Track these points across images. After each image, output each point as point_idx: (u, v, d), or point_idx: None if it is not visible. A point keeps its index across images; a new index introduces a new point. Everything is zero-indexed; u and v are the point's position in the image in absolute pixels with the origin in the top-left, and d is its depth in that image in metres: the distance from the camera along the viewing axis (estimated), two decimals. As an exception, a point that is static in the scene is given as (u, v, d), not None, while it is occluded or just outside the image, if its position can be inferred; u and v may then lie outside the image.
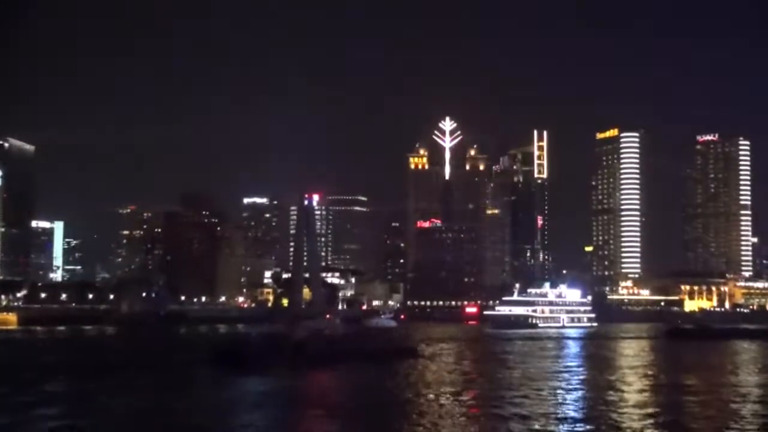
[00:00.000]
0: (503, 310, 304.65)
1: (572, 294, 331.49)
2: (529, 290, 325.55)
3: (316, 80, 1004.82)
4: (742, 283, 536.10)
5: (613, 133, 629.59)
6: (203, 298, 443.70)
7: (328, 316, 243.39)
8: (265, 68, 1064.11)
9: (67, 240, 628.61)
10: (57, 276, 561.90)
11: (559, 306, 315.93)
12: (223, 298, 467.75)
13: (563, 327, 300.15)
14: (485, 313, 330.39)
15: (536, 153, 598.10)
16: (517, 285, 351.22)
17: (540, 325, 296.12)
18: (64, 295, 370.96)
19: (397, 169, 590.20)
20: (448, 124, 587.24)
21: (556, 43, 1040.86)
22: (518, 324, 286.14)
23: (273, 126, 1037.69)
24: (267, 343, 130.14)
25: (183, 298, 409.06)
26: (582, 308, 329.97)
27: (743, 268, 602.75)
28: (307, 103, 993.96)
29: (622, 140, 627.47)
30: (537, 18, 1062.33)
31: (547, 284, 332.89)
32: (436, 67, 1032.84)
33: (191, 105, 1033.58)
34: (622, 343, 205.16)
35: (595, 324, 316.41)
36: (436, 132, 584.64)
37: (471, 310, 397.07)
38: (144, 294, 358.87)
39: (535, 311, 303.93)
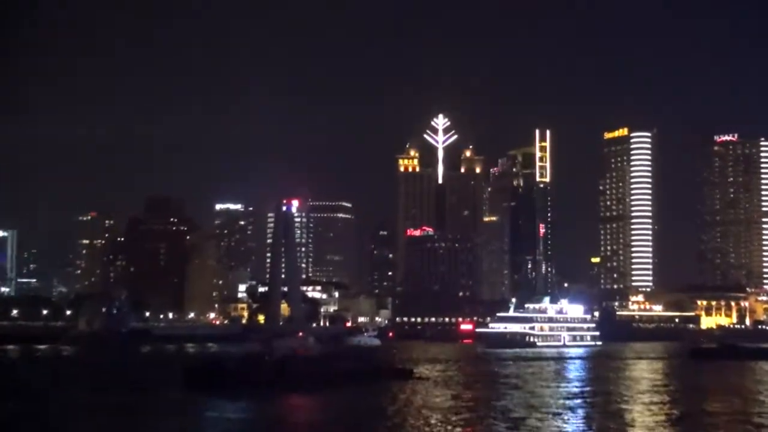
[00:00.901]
0: (498, 327, 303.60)
1: (574, 309, 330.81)
2: (526, 305, 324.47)
3: (297, 79, 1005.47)
4: (765, 298, 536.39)
5: (622, 132, 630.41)
6: (170, 315, 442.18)
7: (300, 333, 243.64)
8: (243, 66, 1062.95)
9: (20, 250, 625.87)
10: (9, 289, 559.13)
11: (560, 323, 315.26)
12: (192, 315, 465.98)
13: (564, 346, 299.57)
14: (478, 330, 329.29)
15: (538, 154, 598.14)
16: (513, 299, 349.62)
17: (539, 344, 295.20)
18: (15, 311, 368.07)
19: (386, 172, 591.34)
20: (441, 122, 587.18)
21: (560, 35, 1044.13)
22: (514, 343, 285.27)
23: (249, 126, 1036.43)
24: (245, 362, 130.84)
25: (147, 314, 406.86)
26: (585, 325, 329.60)
27: (765, 281, 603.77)
28: (288, 102, 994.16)
29: (632, 140, 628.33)
30: (540, 8, 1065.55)
31: (546, 299, 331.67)
32: (427, 60, 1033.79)
33: (158, 102, 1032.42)
34: (638, 365, 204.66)
35: (599, 343, 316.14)
36: (427, 131, 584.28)
37: (466, 327, 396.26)
38: (104, 309, 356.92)
39: (533, 329, 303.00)
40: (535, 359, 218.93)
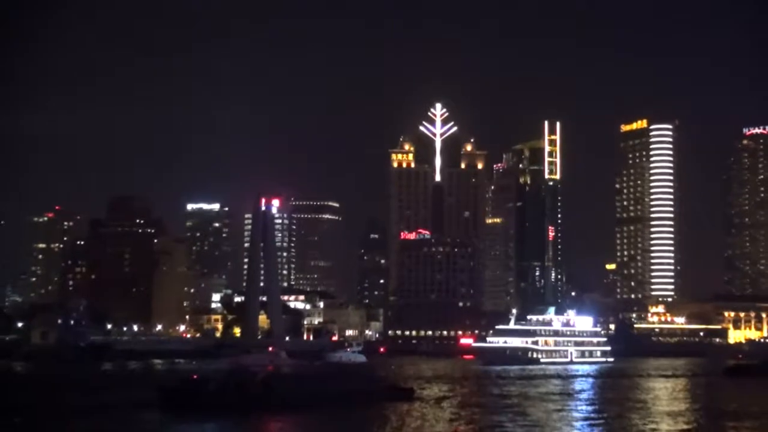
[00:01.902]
0: (496, 341, 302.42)
1: (582, 322, 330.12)
2: (529, 317, 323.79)
3: (278, 64, 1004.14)
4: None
5: (641, 124, 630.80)
6: (135, 327, 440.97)
7: (271, 348, 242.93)
8: (217, 48, 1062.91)
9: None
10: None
11: (567, 336, 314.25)
12: (159, 327, 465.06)
13: (571, 363, 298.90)
14: (474, 345, 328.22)
15: (547, 148, 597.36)
16: (514, 310, 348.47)
17: (542, 360, 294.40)
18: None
19: (377, 168, 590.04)
20: (438, 112, 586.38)
21: (573, 16, 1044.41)
22: (515, 359, 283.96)
23: (224, 116, 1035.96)
24: (227, 381, 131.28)
25: (109, 326, 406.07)
26: (595, 339, 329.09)
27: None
28: (268, 91, 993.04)
29: (652, 133, 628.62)
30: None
31: (551, 309, 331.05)
32: (425, 44, 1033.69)
33: (121, 91, 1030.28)
34: (660, 383, 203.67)
35: (610, 359, 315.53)
36: (423, 122, 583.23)
37: (467, 341, 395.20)
38: (60, 321, 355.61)
39: (536, 343, 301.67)
40: (538, 377, 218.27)
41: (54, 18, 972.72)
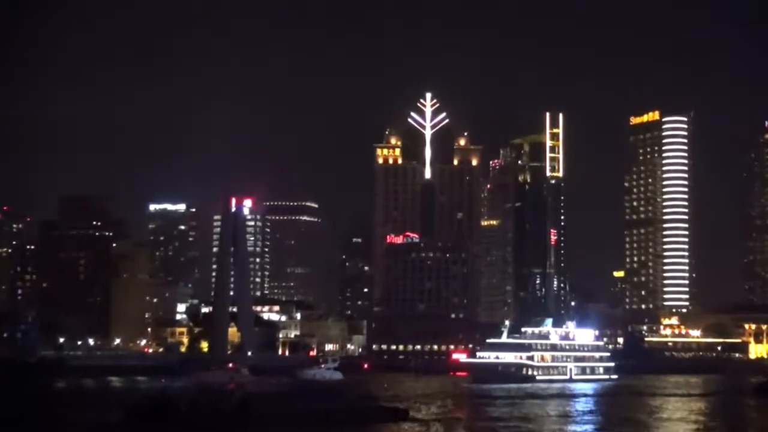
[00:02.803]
0: (488, 356, 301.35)
1: (583, 334, 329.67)
2: (523, 329, 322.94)
3: (251, 49, 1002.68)
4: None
5: (653, 116, 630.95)
6: (90, 341, 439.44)
7: (231, 365, 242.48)
8: (184, 33, 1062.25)
9: None
10: None
11: (565, 351, 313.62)
12: (118, 341, 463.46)
13: (571, 380, 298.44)
14: (463, 360, 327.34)
15: (549, 143, 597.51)
16: (507, 322, 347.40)
17: (538, 377, 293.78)
18: None
19: (360, 164, 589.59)
20: (429, 102, 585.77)
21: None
22: (508, 376, 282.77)
23: (191, 106, 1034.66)
24: (199, 400, 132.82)
25: (62, 340, 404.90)
26: (597, 354, 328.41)
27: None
28: (239, 78, 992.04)
29: (664, 127, 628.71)
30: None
31: (548, 321, 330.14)
32: (414, 30, 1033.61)
33: (79, 80, 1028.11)
34: (676, 404, 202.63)
35: (614, 376, 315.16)
36: (412, 113, 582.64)
37: (459, 356, 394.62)
38: (6, 334, 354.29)
39: (531, 358, 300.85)
40: (533, 397, 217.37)
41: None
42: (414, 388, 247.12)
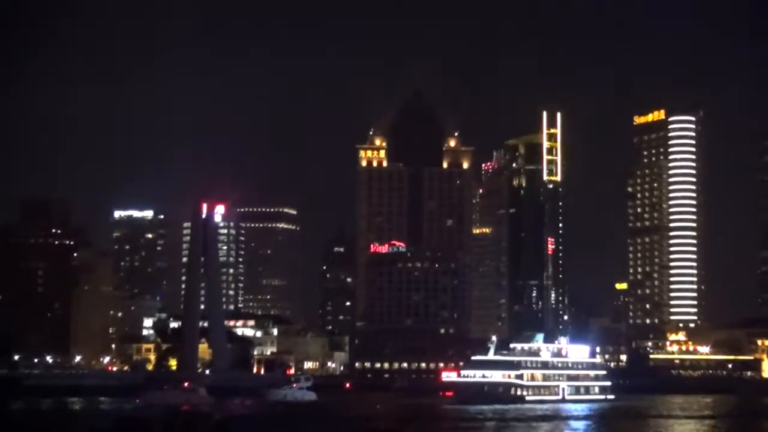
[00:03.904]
0: (473, 375, 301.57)
1: (577, 351, 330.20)
2: (512, 345, 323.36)
3: (225, 43, 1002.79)
4: None
5: (658, 115, 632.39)
6: (48, 359, 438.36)
7: (186, 384, 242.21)
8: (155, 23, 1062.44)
9: None
10: None
11: (558, 369, 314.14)
12: (79, 358, 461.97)
13: (563, 401, 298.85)
14: (446, 380, 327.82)
15: (546, 145, 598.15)
16: (494, 337, 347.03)
17: (528, 397, 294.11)
18: None
19: (342, 167, 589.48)
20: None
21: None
22: (495, 396, 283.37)
23: (158, 104, 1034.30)
24: (175, 422, 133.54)
25: (17, 357, 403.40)
26: (592, 372, 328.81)
27: None
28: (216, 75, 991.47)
29: (671, 127, 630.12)
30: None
31: (539, 337, 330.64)
32: (400, 21, 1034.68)
33: (38, 80, 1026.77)
34: (683, 427, 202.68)
35: (611, 396, 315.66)
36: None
37: (449, 375, 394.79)
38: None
39: (520, 377, 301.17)
40: (523, 419, 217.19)
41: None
42: (390, 408, 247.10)
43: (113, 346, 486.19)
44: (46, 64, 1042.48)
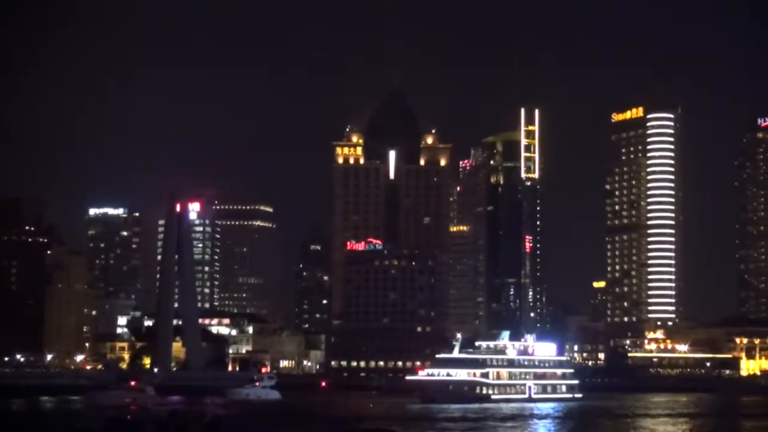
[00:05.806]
0: (437, 373, 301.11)
1: (544, 349, 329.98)
2: (477, 343, 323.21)
3: (199, 39, 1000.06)
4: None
5: (636, 113, 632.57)
6: (20, 357, 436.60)
7: (133, 382, 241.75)
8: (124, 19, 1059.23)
9: None
10: None
11: (524, 367, 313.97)
12: (51, 357, 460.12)
13: (530, 400, 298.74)
14: (408, 378, 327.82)
15: (524, 142, 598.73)
16: (459, 335, 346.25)
17: (493, 396, 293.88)
18: None
19: (318, 164, 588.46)
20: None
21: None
22: (460, 395, 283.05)
23: (133, 102, 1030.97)
24: (167, 423, 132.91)
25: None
26: (559, 371, 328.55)
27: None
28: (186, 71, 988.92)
29: (650, 124, 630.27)
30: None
31: (504, 334, 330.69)
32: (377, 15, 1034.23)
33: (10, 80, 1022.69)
34: (660, 427, 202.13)
35: (579, 395, 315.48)
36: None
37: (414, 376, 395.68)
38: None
39: (486, 375, 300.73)
40: (488, 418, 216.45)
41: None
42: (362, 408, 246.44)
43: (87, 344, 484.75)
44: (19, 63, 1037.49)
